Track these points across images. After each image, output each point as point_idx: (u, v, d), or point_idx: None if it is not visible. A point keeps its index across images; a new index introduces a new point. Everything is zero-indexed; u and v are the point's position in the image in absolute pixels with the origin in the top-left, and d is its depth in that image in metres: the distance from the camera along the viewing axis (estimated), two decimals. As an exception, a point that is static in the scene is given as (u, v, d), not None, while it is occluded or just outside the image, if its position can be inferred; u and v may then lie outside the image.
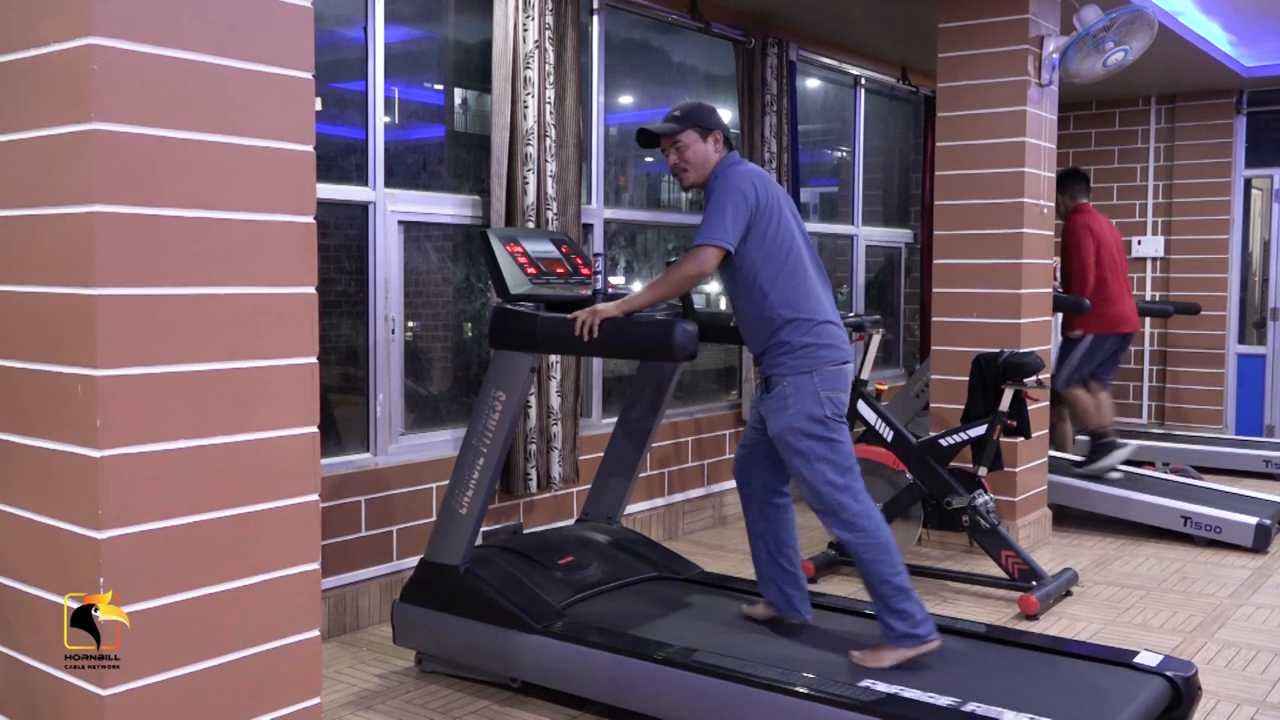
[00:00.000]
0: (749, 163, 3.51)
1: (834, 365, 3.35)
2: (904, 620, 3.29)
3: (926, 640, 3.29)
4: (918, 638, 3.29)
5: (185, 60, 2.03)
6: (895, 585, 3.30)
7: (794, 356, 3.33)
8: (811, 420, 3.31)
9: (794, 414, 3.32)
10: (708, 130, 3.44)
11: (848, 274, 7.48)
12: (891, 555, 3.32)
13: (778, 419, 3.35)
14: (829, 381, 3.34)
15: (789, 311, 3.33)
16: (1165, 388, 8.79)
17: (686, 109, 3.48)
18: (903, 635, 3.29)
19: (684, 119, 3.44)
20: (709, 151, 3.44)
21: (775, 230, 3.35)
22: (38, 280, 2.04)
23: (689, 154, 3.44)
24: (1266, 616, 4.52)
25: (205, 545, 2.10)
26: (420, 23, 4.72)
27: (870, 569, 3.32)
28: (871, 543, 3.32)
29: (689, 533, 5.87)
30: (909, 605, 3.30)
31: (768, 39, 6.10)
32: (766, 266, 3.34)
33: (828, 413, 3.32)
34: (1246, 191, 8.69)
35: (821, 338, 3.35)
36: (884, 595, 3.31)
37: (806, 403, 3.31)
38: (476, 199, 4.74)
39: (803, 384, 3.32)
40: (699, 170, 3.44)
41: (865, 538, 3.32)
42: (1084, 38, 5.18)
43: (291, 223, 2.21)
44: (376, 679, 3.76)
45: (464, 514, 3.63)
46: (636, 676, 3.27)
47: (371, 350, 4.40)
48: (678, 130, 3.43)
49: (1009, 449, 5.19)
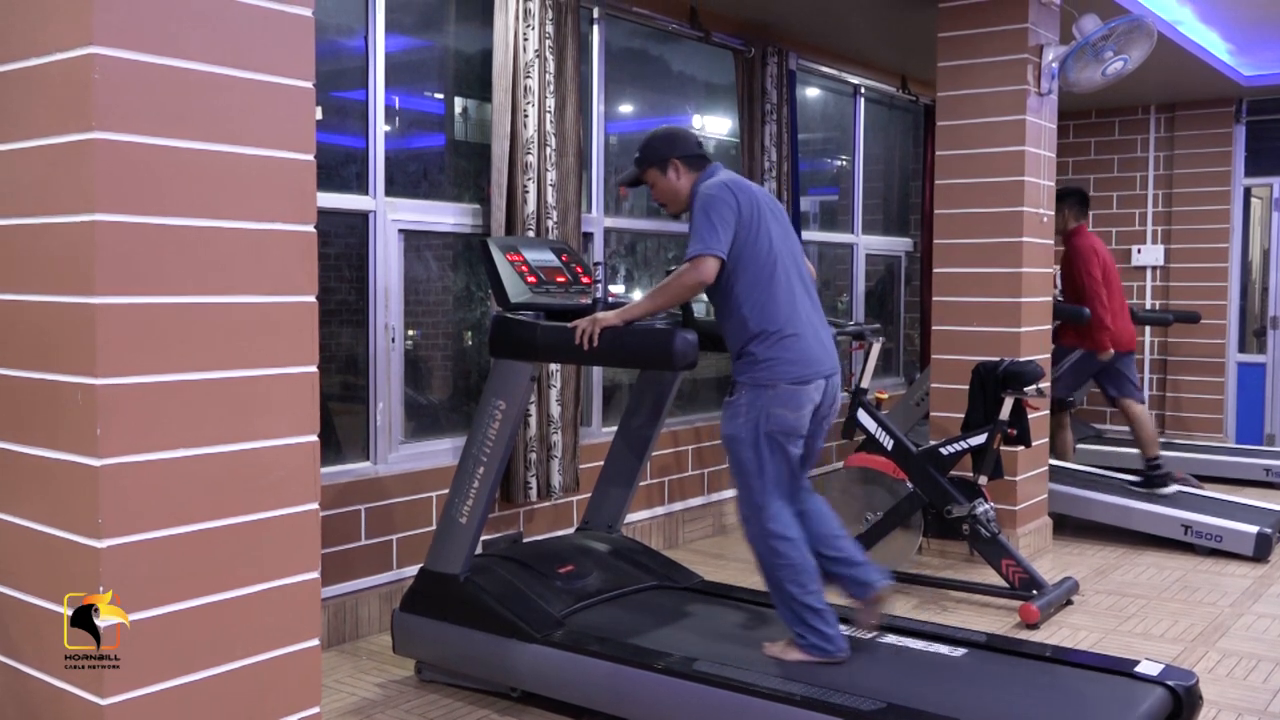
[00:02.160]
0: (726, 171, 3.53)
1: (793, 382, 3.32)
2: (813, 634, 3.31)
3: (835, 655, 3.31)
4: (823, 650, 3.31)
5: (186, 70, 2.03)
6: (804, 604, 3.32)
7: (756, 368, 3.34)
8: (756, 434, 3.32)
9: (742, 424, 3.35)
10: (664, 162, 3.52)
11: (848, 282, 7.49)
12: (803, 576, 3.33)
13: (728, 424, 3.40)
14: (782, 398, 3.32)
15: (758, 323, 3.34)
16: (1166, 396, 8.78)
17: (643, 148, 3.60)
18: (813, 646, 3.32)
19: (641, 161, 3.59)
20: (673, 181, 3.54)
21: (754, 239, 3.36)
22: (38, 289, 2.05)
23: (658, 191, 3.60)
24: (1268, 626, 4.51)
25: (205, 554, 2.09)
26: (421, 32, 4.73)
27: (779, 585, 3.34)
28: (782, 563, 3.34)
29: (689, 541, 5.86)
30: (818, 622, 3.31)
31: (767, 48, 6.11)
32: (743, 276, 3.35)
33: (775, 428, 3.32)
34: (1246, 200, 8.69)
35: (788, 351, 3.33)
36: (794, 611, 3.33)
37: (756, 416, 3.32)
38: (477, 208, 4.75)
39: (757, 397, 3.33)
40: (675, 202, 3.58)
41: (776, 558, 3.34)
42: (1083, 47, 5.19)
43: (292, 231, 2.21)
44: (376, 688, 3.75)
45: (464, 523, 3.63)
46: (637, 686, 3.27)
47: (371, 359, 4.40)
48: (640, 174, 3.60)
49: (1009, 458, 5.19)
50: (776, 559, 3.34)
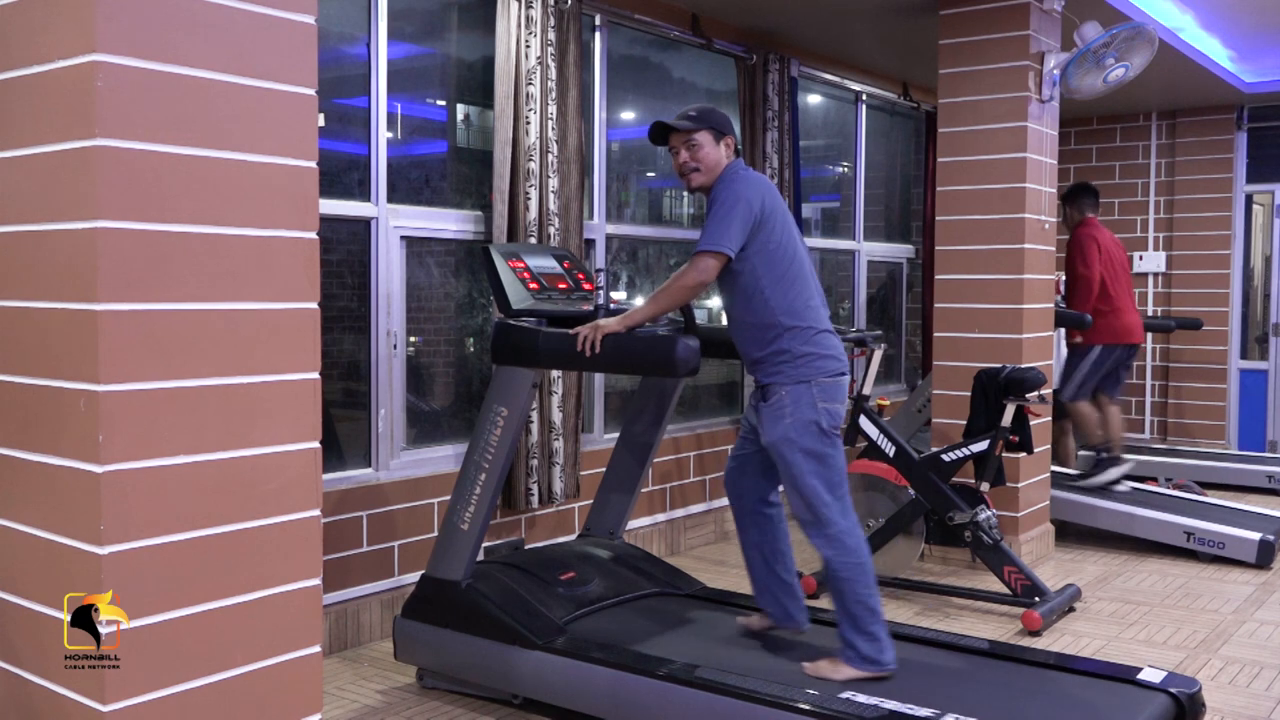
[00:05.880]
0: (754, 171, 3.51)
1: (831, 376, 3.33)
2: (871, 643, 3.28)
3: (886, 668, 3.28)
4: (879, 664, 3.28)
5: (188, 77, 2.04)
6: (868, 607, 3.30)
7: (793, 365, 3.31)
8: (807, 432, 3.29)
9: (790, 424, 3.29)
10: (722, 134, 3.42)
11: (849, 289, 7.49)
12: (869, 577, 3.31)
13: (773, 428, 3.33)
14: (826, 392, 3.32)
15: (790, 319, 3.31)
16: (1168, 403, 8.78)
17: (704, 110, 3.45)
18: (866, 659, 3.28)
19: (700, 119, 3.41)
20: (720, 155, 3.41)
21: (780, 238, 3.34)
22: (41, 296, 2.05)
23: (701, 154, 3.39)
24: (1270, 633, 4.51)
25: (207, 560, 2.09)
26: (423, 39, 4.74)
27: (846, 588, 3.30)
28: (852, 561, 3.30)
29: (690, 548, 5.86)
30: (878, 629, 3.29)
31: (769, 55, 6.12)
32: (770, 273, 3.31)
33: (824, 424, 3.30)
34: (1248, 207, 8.70)
35: (821, 347, 3.33)
36: (855, 615, 3.29)
37: (803, 413, 3.28)
38: (478, 214, 4.76)
39: (800, 394, 3.30)
40: (709, 172, 3.40)
41: (847, 555, 3.30)
42: (1084, 54, 5.20)
43: (294, 238, 2.22)
44: (377, 695, 3.75)
45: (465, 529, 3.63)
46: (639, 692, 3.26)
47: (373, 365, 4.40)
48: (695, 129, 3.39)
49: (1011, 464, 5.18)
50: (846, 558, 3.30)
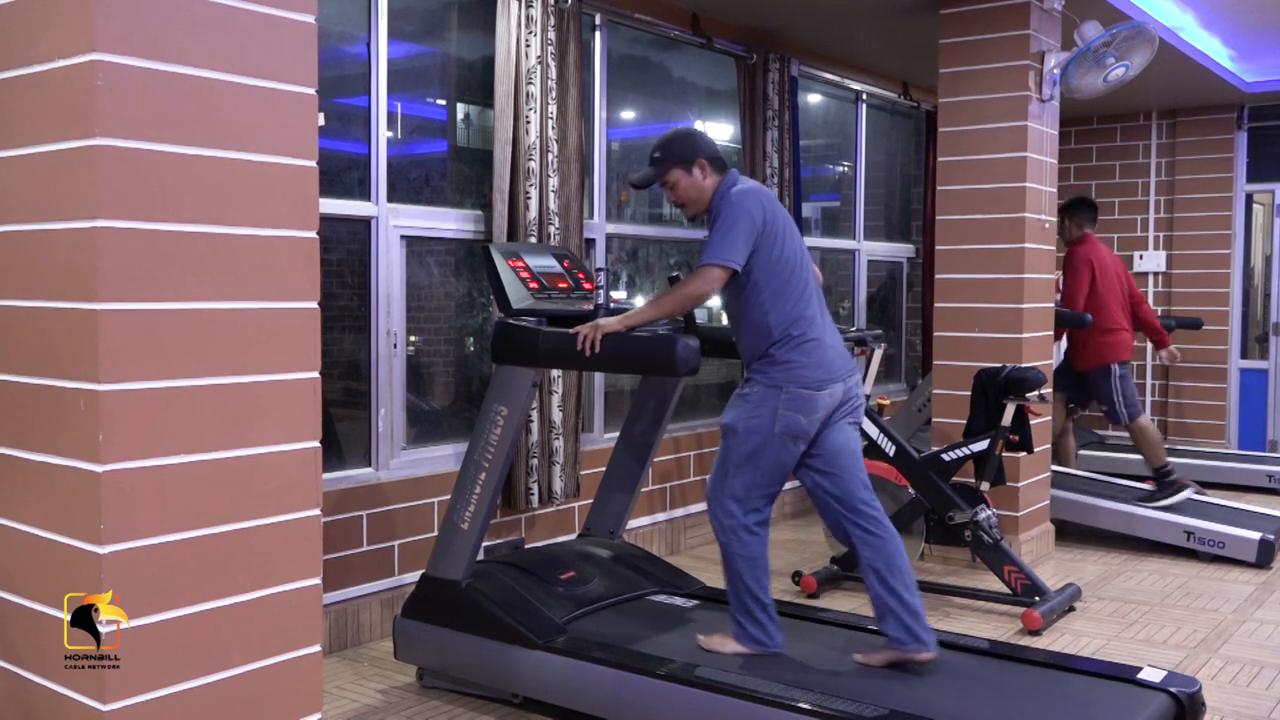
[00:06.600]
0: (749, 180, 3.52)
1: (805, 387, 3.34)
2: (757, 627, 3.43)
3: (770, 648, 3.43)
4: (763, 644, 3.43)
5: (188, 76, 2.03)
6: (755, 596, 3.43)
7: (774, 369, 3.37)
8: (756, 431, 3.36)
9: (745, 415, 3.38)
10: (690, 161, 3.44)
11: (849, 289, 7.49)
12: (759, 570, 3.43)
13: (730, 414, 3.43)
14: (793, 402, 3.34)
15: (784, 329, 3.36)
16: (1168, 402, 8.78)
17: (664, 146, 3.49)
18: (753, 639, 3.43)
19: (663, 160, 3.47)
20: (698, 181, 3.45)
21: (780, 248, 3.38)
22: (41, 295, 2.05)
23: (680, 190, 3.48)
24: (1271, 632, 4.51)
25: (207, 560, 2.09)
26: (423, 38, 4.74)
27: (736, 574, 3.44)
28: (744, 554, 3.43)
29: (691, 547, 5.86)
30: (764, 617, 3.43)
31: (769, 54, 6.12)
32: (771, 284, 3.35)
33: (776, 429, 3.34)
34: (1248, 206, 8.70)
35: (806, 355, 3.36)
36: (743, 600, 3.44)
37: (762, 413, 3.36)
38: (479, 214, 4.75)
39: (767, 395, 3.36)
40: (697, 202, 3.48)
41: (741, 548, 3.42)
42: (1085, 53, 5.20)
43: (294, 237, 2.21)
44: (378, 694, 3.75)
45: (465, 529, 3.63)
46: (639, 692, 3.26)
47: (373, 365, 4.40)
48: (661, 174, 3.47)
49: (1011, 464, 5.18)
50: (741, 549, 3.41)
